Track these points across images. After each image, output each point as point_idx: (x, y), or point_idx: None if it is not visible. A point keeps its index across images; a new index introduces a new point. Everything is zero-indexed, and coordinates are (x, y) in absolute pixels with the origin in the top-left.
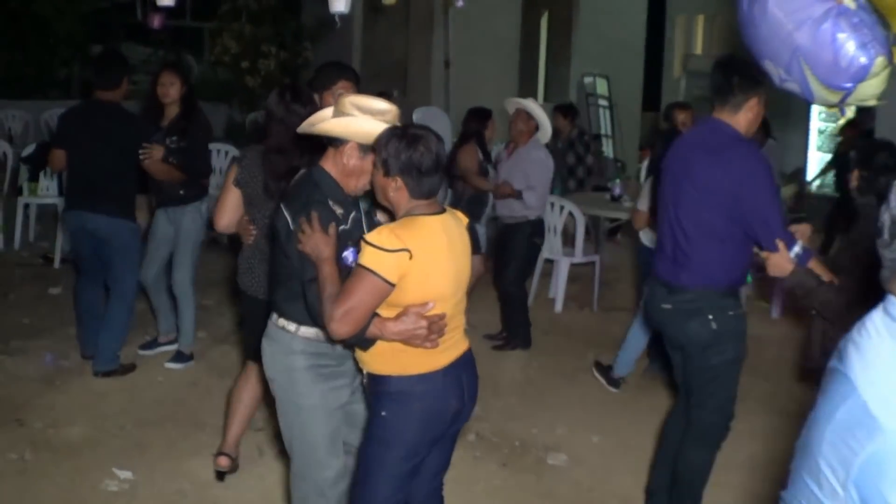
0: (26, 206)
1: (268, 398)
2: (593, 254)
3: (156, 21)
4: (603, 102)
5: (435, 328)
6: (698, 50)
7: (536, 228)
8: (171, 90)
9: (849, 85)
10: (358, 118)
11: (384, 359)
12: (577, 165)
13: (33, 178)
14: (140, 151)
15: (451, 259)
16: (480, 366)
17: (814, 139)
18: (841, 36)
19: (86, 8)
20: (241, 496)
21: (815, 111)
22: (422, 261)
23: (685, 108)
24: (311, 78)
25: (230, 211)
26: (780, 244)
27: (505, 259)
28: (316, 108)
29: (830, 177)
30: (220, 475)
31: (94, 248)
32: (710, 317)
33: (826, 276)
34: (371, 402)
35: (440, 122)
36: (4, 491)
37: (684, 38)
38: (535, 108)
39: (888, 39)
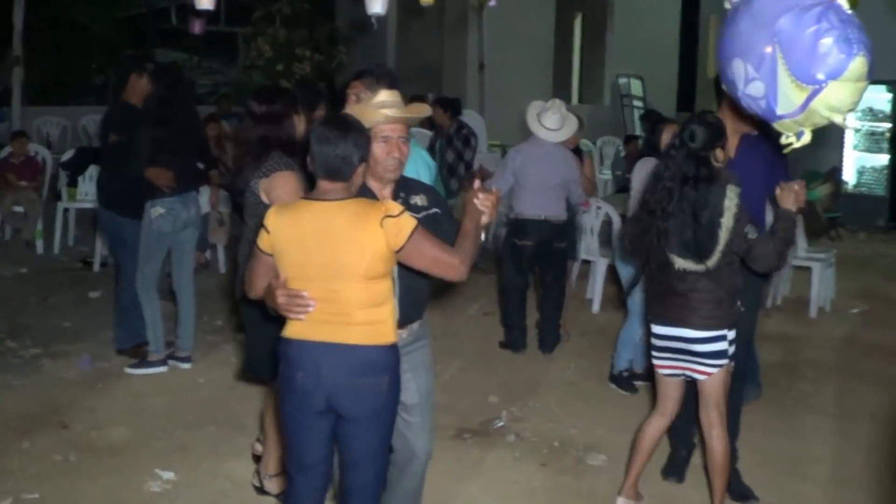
0: (65, 210)
1: None
2: None
3: (197, 27)
4: (637, 103)
5: (291, 302)
6: None
7: (513, 227)
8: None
9: (822, 78)
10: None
11: None
12: (457, 163)
13: (72, 184)
14: None
15: (312, 246)
16: (519, 368)
17: (850, 137)
18: (825, 24)
19: (121, 14)
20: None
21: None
22: (277, 238)
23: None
24: None
25: None
26: None
27: None
28: (274, 107)
29: (869, 175)
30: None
31: None
32: None
33: None
34: None
35: (475, 124)
36: (49, 492)
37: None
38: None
39: (870, 48)
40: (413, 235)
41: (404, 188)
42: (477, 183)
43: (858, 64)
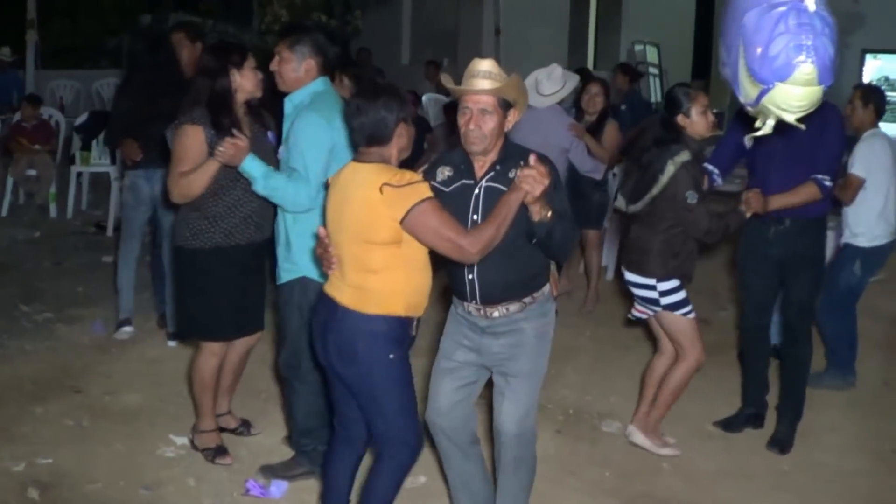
0: (79, 174)
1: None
2: None
3: None
4: (653, 70)
5: (322, 255)
6: None
7: None
8: None
9: (770, 79)
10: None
11: None
12: None
13: (86, 147)
14: None
15: (334, 203)
16: None
17: None
18: (781, 27)
19: None
20: None
21: (867, 78)
22: (328, 194)
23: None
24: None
25: None
26: None
27: None
28: (212, 62)
29: None
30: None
31: None
32: None
33: None
34: None
35: None
36: (63, 458)
37: None
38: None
39: (829, 58)
40: (416, 207)
41: (503, 161)
42: (532, 158)
43: (806, 70)
